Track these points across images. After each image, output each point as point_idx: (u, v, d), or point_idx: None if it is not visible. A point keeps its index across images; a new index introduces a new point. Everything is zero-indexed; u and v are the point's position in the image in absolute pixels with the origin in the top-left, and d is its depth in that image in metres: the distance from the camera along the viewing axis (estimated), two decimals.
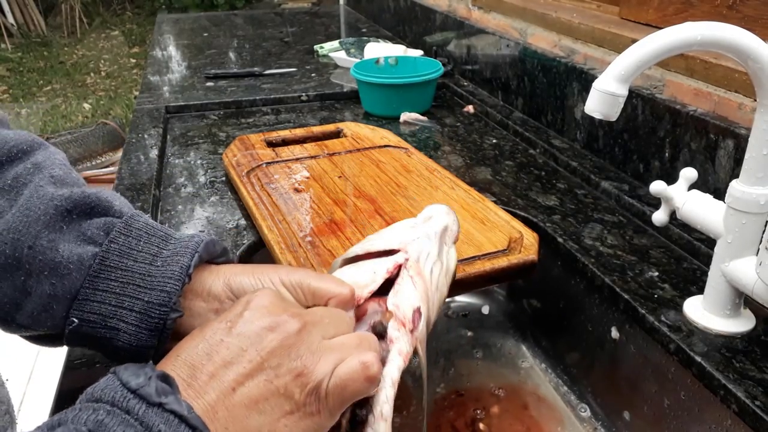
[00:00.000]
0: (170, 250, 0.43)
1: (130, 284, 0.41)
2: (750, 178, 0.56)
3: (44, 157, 0.45)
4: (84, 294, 0.41)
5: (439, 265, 0.49)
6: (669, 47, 0.51)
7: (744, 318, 0.62)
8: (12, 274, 0.40)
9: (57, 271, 0.40)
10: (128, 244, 0.42)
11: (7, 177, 0.43)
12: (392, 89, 1.20)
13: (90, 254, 0.41)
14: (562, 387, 0.79)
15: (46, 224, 0.41)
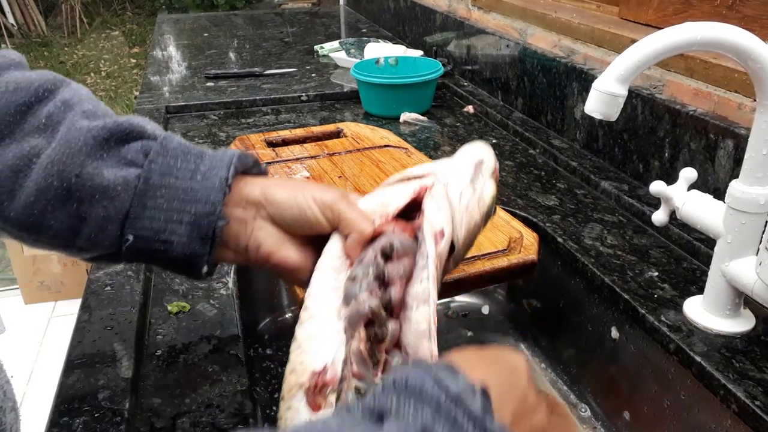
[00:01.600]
0: (207, 165, 0.46)
1: (175, 199, 0.44)
2: (750, 178, 0.56)
3: (71, 94, 0.47)
4: (134, 212, 0.44)
5: (470, 191, 0.49)
6: (669, 47, 0.51)
7: (744, 318, 0.62)
8: (64, 203, 0.43)
9: (106, 194, 0.43)
10: (167, 162, 0.45)
11: (41, 116, 0.45)
12: (392, 89, 1.20)
13: (133, 175, 0.44)
14: (562, 387, 0.79)
15: (88, 154, 0.43)
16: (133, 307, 0.65)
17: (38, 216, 0.43)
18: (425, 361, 0.32)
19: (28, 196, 0.43)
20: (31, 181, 0.43)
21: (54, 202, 0.43)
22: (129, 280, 0.69)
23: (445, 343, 0.87)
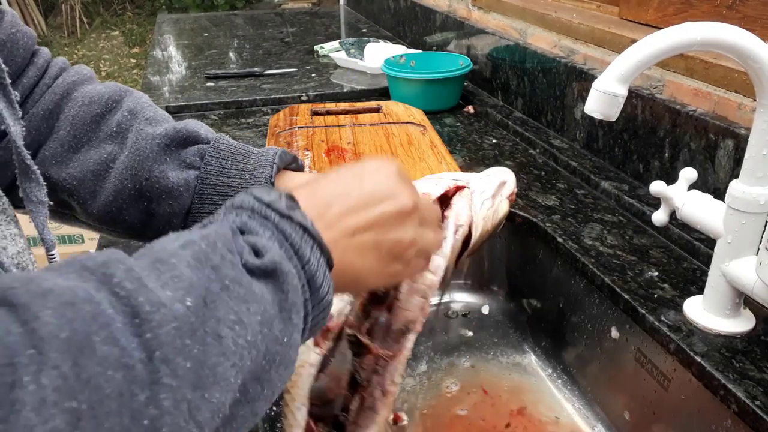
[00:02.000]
0: (253, 164, 0.52)
1: (228, 196, 0.50)
2: (750, 178, 0.56)
3: (134, 103, 0.54)
4: (195, 209, 0.51)
5: (490, 203, 0.58)
6: (669, 47, 0.51)
7: (744, 318, 0.62)
8: (137, 201, 0.51)
9: (171, 194, 0.51)
10: (219, 164, 0.52)
11: (112, 124, 0.52)
12: (424, 84, 1.23)
13: (192, 177, 0.51)
14: (562, 387, 0.79)
15: (154, 159, 0.51)
16: None
17: (115, 212, 0.51)
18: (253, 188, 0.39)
19: (107, 196, 0.51)
20: (110, 183, 0.51)
21: (128, 201, 0.51)
22: None
23: (445, 343, 0.88)
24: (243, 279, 0.32)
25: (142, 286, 0.28)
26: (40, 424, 0.22)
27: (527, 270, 0.88)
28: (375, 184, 0.41)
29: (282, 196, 0.37)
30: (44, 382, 0.22)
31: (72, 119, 0.52)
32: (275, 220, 0.35)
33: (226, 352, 0.29)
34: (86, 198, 0.51)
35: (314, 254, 0.36)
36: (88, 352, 0.24)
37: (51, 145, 0.52)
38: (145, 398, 0.25)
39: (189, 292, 0.29)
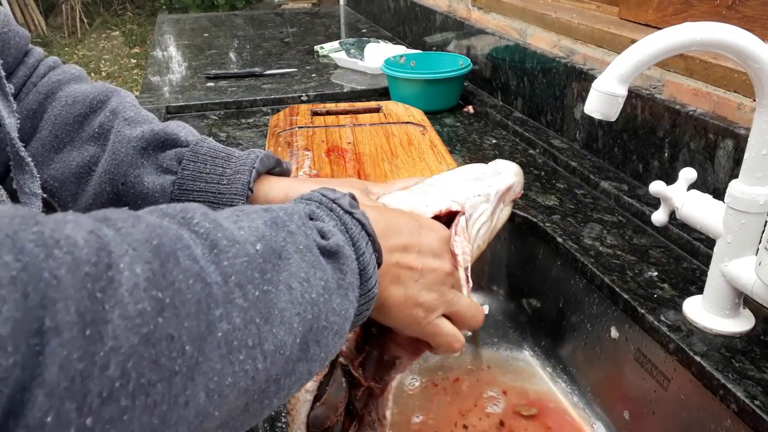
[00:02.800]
0: (232, 168, 0.51)
1: (205, 202, 0.50)
2: (749, 178, 0.56)
3: (117, 103, 0.53)
4: None
5: (487, 225, 0.55)
6: (668, 48, 0.51)
7: (743, 318, 0.62)
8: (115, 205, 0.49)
9: (147, 199, 0.50)
10: (197, 168, 0.51)
11: (94, 125, 0.52)
12: (424, 84, 1.23)
13: (169, 182, 0.50)
14: (562, 386, 0.79)
15: (130, 164, 0.50)
16: None
17: None
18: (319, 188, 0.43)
19: (87, 199, 0.51)
20: (90, 187, 0.50)
21: (107, 205, 0.51)
22: None
23: None
24: (313, 249, 0.35)
25: (218, 225, 0.31)
26: (132, 303, 0.24)
27: (527, 270, 0.88)
28: (430, 239, 0.46)
29: (346, 195, 0.41)
30: (137, 271, 0.25)
31: (54, 119, 0.51)
32: (339, 213, 0.39)
33: (293, 301, 0.32)
34: (67, 200, 0.51)
35: (368, 248, 0.39)
36: (173, 260, 0.27)
37: (33, 146, 0.51)
38: (219, 313, 0.28)
39: (260, 240, 0.32)
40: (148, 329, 0.24)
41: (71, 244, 0.23)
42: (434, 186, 0.55)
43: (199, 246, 0.29)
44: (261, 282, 0.31)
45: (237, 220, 0.33)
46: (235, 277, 0.29)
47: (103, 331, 0.23)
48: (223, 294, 0.28)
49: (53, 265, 0.22)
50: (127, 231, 0.26)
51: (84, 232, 0.24)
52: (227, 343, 0.28)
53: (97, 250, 0.24)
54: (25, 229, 0.22)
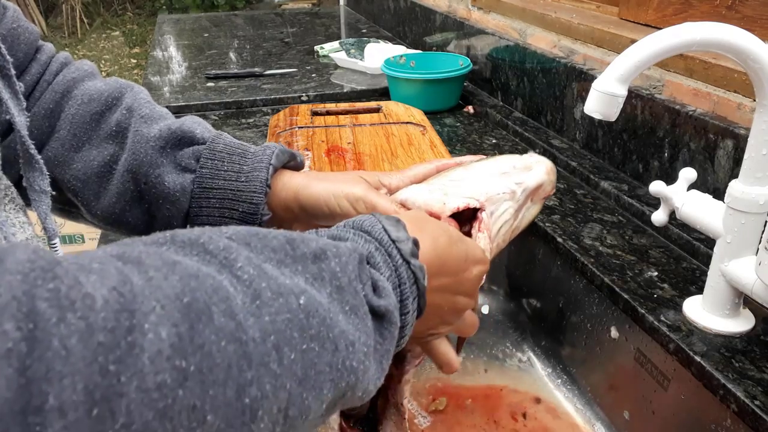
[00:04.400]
0: (249, 165, 0.52)
1: (225, 199, 0.51)
2: (749, 178, 0.56)
3: (132, 99, 0.53)
4: (193, 212, 0.51)
5: (510, 223, 0.53)
6: (668, 48, 0.51)
7: (743, 318, 0.62)
8: (138, 203, 0.52)
9: (168, 198, 0.51)
10: (215, 166, 0.51)
11: (111, 123, 0.52)
12: (424, 84, 1.23)
13: (189, 181, 0.51)
14: (562, 386, 0.79)
15: (150, 164, 0.51)
16: None
17: (119, 214, 0.52)
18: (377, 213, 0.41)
19: (110, 198, 0.51)
20: (112, 185, 0.51)
21: (130, 203, 0.51)
22: None
23: None
24: (362, 308, 0.34)
25: (263, 273, 0.29)
26: (151, 373, 0.22)
27: (527, 270, 0.88)
28: (471, 277, 0.46)
29: (409, 239, 0.39)
30: (163, 335, 0.23)
31: (72, 118, 0.52)
32: (397, 262, 0.38)
33: (331, 365, 0.31)
34: (90, 199, 0.52)
35: (413, 306, 0.38)
36: (205, 319, 0.25)
37: (53, 146, 0.52)
38: (250, 377, 0.26)
39: (304, 293, 0.30)
40: (166, 403, 0.22)
41: (88, 306, 0.21)
42: (456, 181, 0.53)
43: (240, 294, 0.27)
44: (300, 342, 0.29)
45: (282, 263, 0.31)
46: (275, 336, 0.28)
47: (115, 407, 0.21)
48: (258, 355, 0.27)
49: (65, 332, 0.20)
50: (158, 283, 0.24)
51: (106, 289, 0.22)
52: (252, 411, 0.26)
53: (117, 313, 0.22)
54: (40, 285, 0.21)
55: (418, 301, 0.39)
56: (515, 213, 0.53)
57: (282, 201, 0.53)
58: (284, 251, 0.32)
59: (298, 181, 0.53)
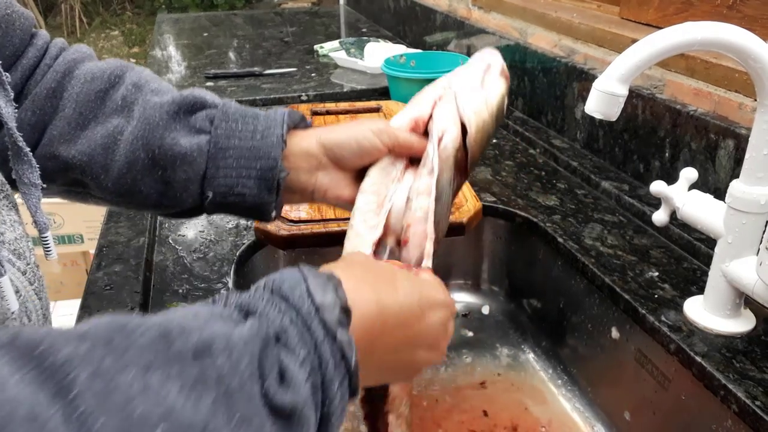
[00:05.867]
0: (263, 124, 0.52)
1: (242, 158, 0.50)
2: (750, 178, 0.56)
3: (137, 77, 0.53)
4: (210, 173, 0.51)
5: (478, 93, 0.53)
6: (669, 47, 0.51)
7: (744, 318, 0.62)
8: (151, 171, 0.51)
9: (185, 160, 0.50)
10: (230, 127, 0.51)
11: (117, 99, 0.52)
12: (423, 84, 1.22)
13: (204, 141, 0.50)
14: (562, 387, 0.79)
15: (165, 127, 0.50)
16: (133, 307, 0.65)
17: (131, 184, 0.51)
18: (309, 269, 0.36)
19: (120, 168, 0.50)
20: (121, 155, 0.50)
21: (142, 171, 0.51)
22: (129, 280, 0.69)
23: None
24: (255, 419, 0.27)
25: (110, 395, 0.23)
26: None
27: (527, 270, 0.88)
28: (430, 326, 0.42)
29: (336, 305, 0.33)
30: None
31: (76, 96, 0.52)
32: (318, 338, 0.32)
33: None
34: (99, 173, 0.51)
35: (341, 389, 0.32)
36: None
37: (58, 124, 0.52)
38: None
39: (165, 419, 0.24)
40: None
41: None
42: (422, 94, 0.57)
43: None
44: None
45: (149, 367, 0.25)
46: None
47: None
48: None
49: None
50: None
51: None
52: None
53: None
54: None
55: (348, 382, 0.33)
56: (480, 86, 0.54)
57: (303, 151, 0.53)
58: (155, 350, 0.26)
59: (318, 131, 0.54)
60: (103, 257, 0.74)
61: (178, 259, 0.76)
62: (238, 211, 0.53)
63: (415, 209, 0.49)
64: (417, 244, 0.48)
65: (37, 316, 0.46)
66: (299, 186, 0.53)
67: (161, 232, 0.82)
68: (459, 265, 0.94)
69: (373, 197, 0.51)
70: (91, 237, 2.23)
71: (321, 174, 0.53)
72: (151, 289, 0.70)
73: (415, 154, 0.52)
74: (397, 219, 0.50)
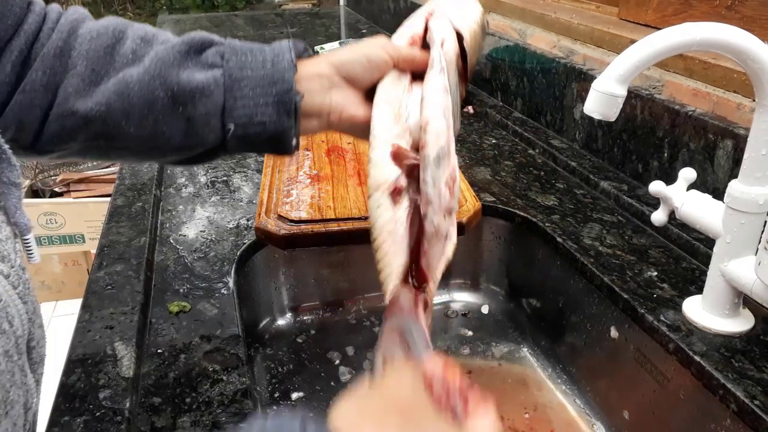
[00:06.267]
0: (270, 55, 0.54)
1: (257, 87, 0.52)
2: (749, 178, 0.56)
3: (143, 31, 0.55)
4: (229, 105, 0.52)
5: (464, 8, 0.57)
6: (668, 48, 0.51)
7: (743, 318, 0.62)
8: (172, 110, 0.52)
9: (203, 93, 0.52)
10: (240, 60, 0.53)
11: (126, 52, 0.53)
12: None
13: (219, 74, 0.52)
14: (562, 386, 0.79)
15: (179, 65, 0.52)
16: (134, 306, 0.65)
17: (153, 126, 0.52)
18: None
19: (141, 110, 0.52)
20: (139, 97, 0.51)
21: (163, 111, 0.52)
22: (130, 279, 0.69)
23: (445, 342, 0.88)
24: None
25: None
26: None
27: (526, 269, 0.88)
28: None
29: None
30: None
31: (86, 53, 0.53)
32: None
33: None
34: (120, 119, 0.52)
35: None
36: None
37: (71, 81, 0.52)
38: None
39: None
40: None
41: None
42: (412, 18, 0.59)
43: None
44: None
45: None
46: None
47: None
48: None
49: None
50: None
51: None
52: None
53: None
54: None
55: None
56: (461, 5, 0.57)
57: (314, 73, 0.54)
58: None
59: (326, 55, 0.56)
60: (104, 257, 0.74)
61: (179, 258, 0.76)
62: (260, 144, 0.54)
63: (431, 106, 0.51)
64: (436, 140, 0.50)
65: (21, 321, 0.46)
66: (315, 108, 0.54)
67: (162, 231, 0.82)
68: (458, 265, 0.94)
69: (389, 107, 0.53)
70: (92, 237, 2.24)
71: (334, 93, 0.55)
72: (152, 288, 0.70)
73: (418, 66, 0.55)
74: (415, 125, 0.52)
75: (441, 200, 0.51)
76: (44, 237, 2.21)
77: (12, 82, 0.49)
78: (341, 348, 0.84)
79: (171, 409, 0.54)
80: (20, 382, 0.46)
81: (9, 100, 0.49)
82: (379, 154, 0.52)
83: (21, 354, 0.46)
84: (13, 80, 0.49)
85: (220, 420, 0.52)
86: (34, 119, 0.48)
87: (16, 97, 0.49)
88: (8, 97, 0.49)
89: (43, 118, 0.49)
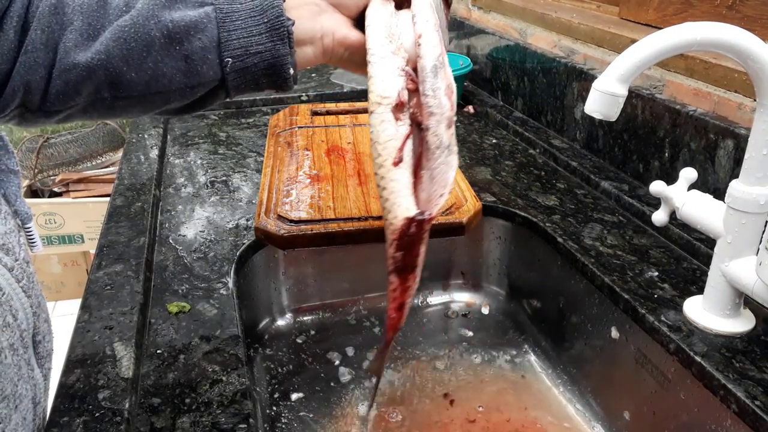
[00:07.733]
0: None
1: (249, 18, 0.54)
2: (750, 178, 0.56)
3: None
4: (224, 37, 0.54)
5: None
6: (669, 47, 0.51)
7: (744, 318, 0.62)
8: (169, 48, 0.53)
9: (198, 28, 0.53)
10: None
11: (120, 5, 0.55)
12: None
13: (210, 9, 0.54)
14: (562, 386, 0.79)
15: (170, 6, 0.54)
16: (133, 307, 0.65)
17: (153, 68, 0.53)
18: None
19: (140, 53, 0.53)
20: (135, 41, 0.53)
21: (161, 51, 0.53)
22: (129, 280, 0.69)
23: (445, 343, 0.87)
24: None
25: None
26: None
27: (527, 270, 0.88)
28: None
29: None
30: None
31: (81, 8, 0.54)
32: None
33: None
34: (120, 66, 0.53)
35: None
36: None
37: (70, 36, 0.53)
38: None
39: None
40: None
41: None
42: None
43: None
44: None
45: None
46: None
47: None
48: None
49: None
50: None
51: None
52: None
53: None
54: None
55: None
56: None
57: (301, 1, 0.57)
58: None
59: None
60: (103, 257, 0.74)
61: (179, 258, 0.76)
62: (258, 77, 0.55)
63: (422, 21, 0.54)
64: (432, 50, 0.53)
65: (25, 314, 0.46)
66: (307, 34, 0.56)
67: (161, 232, 0.82)
68: (459, 265, 0.94)
69: (382, 26, 0.55)
70: (91, 237, 2.24)
71: (324, 17, 0.57)
72: (151, 288, 0.70)
73: None
74: (410, 43, 0.54)
75: (443, 110, 0.53)
76: (43, 237, 2.21)
77: (15, 47, 0.50)
78: (341, 348, 0.84)
79: (170, 410, 0.54)
80: (27, 376, 0.46)
81: (15, 66, 0.50)
82: (379, 68, 0.53)
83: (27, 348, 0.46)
84: (16, 45, 0.51)
85: (220, 421, 0.52)
86: (39, 79, 0.50)
87: (20, 59, 0.50)
88: (14, 63, 0.50)
89: (48, 76, 0.51)
